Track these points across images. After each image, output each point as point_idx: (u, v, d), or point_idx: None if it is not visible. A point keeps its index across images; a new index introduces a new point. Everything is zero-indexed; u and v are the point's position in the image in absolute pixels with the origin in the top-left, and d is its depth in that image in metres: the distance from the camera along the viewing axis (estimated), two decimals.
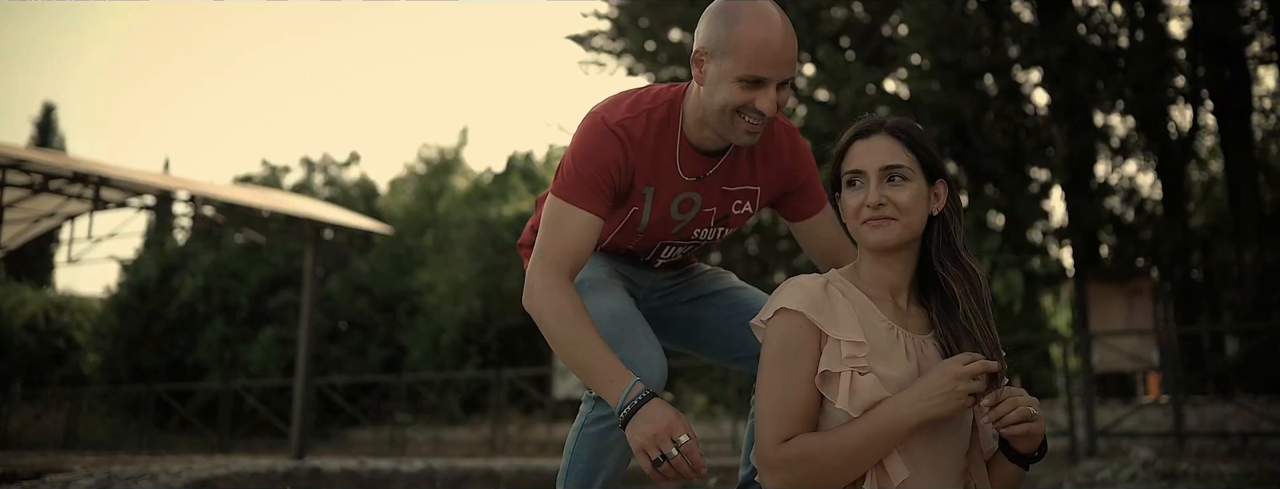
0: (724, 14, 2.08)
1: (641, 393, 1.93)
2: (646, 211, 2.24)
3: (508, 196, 19.75)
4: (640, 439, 1.88)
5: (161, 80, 74.52)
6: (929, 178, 1.95)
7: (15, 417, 19.61)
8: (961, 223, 1.98)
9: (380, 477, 6.48)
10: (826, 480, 1.84)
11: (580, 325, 2.04)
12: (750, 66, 2.04)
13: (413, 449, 14.92)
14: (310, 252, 13.40)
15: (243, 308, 21.68)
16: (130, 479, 5.64)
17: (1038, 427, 1.79)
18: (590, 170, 2.13)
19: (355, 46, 76.23)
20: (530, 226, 2.52)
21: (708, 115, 2.12)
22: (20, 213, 13.70)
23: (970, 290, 1.92)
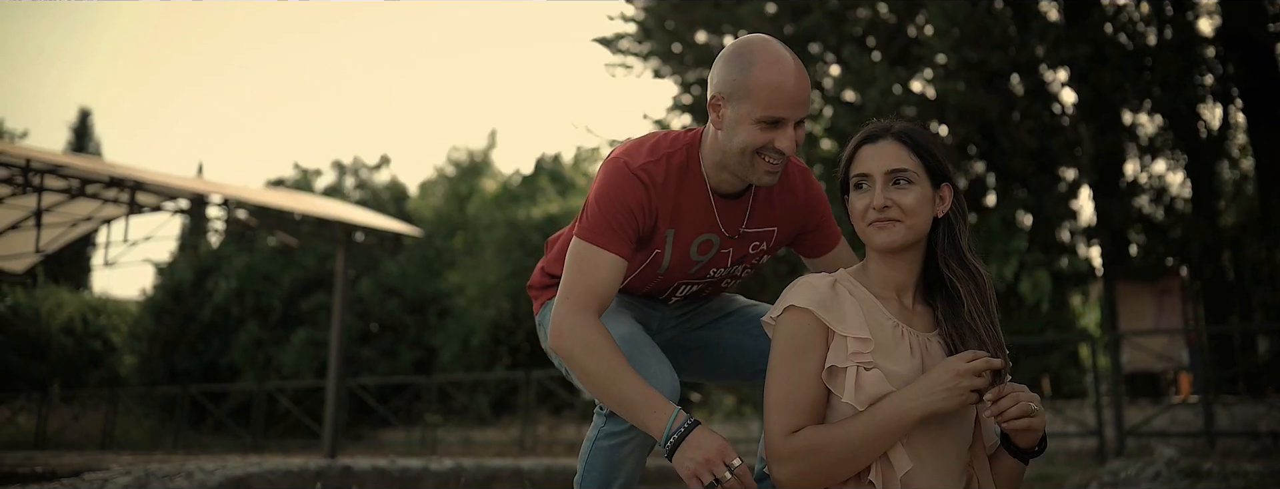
0: (738, 59, 2.15)
1: (686, 421, 1.98)
2: (668, 253, 2.29)
3: (536, 198, 19.87)
4: (692, 465, 1.93)
5: (195, 85, 75.35)
6: (935, 181, 2.01)
7: (54, 417, 19.94)
8: (966, 225, 2.04)
9: (410, 475, 6.58)
10: (832, 471, 1.92)
11: (616, 359, 2.07)
12: (768, 108, 2.11)
13: (443, 450, 15.06)
14: (341, 254, 13.56)
15: (275, 310, 21.91)
16: (167, 477, 5.77)
17: (1038, 422, 1.85)
18: (615, 213, 2.18)
19: (384, 50, 76.77)
20: (540, 269, 2.55)
21: (728, 158, 2.19)
22: (58, 217, 13.96)
23: (975, 290, 1.99)
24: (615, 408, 2.08)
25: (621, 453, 2.18)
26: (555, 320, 2.16)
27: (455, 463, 7.23)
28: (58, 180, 11.61)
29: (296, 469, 5.99)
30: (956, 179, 2.06)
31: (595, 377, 2.07)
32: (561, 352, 2.14)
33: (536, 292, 2.57)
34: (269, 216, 13.64)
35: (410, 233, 15.08)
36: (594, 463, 2.22)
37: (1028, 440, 1.92)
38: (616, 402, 2.06)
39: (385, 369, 20.26)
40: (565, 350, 2.13)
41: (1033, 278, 11.39)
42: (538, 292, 2.56)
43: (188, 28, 75.07)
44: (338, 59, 76.56)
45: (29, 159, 10.83)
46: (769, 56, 2.14)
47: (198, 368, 22.62)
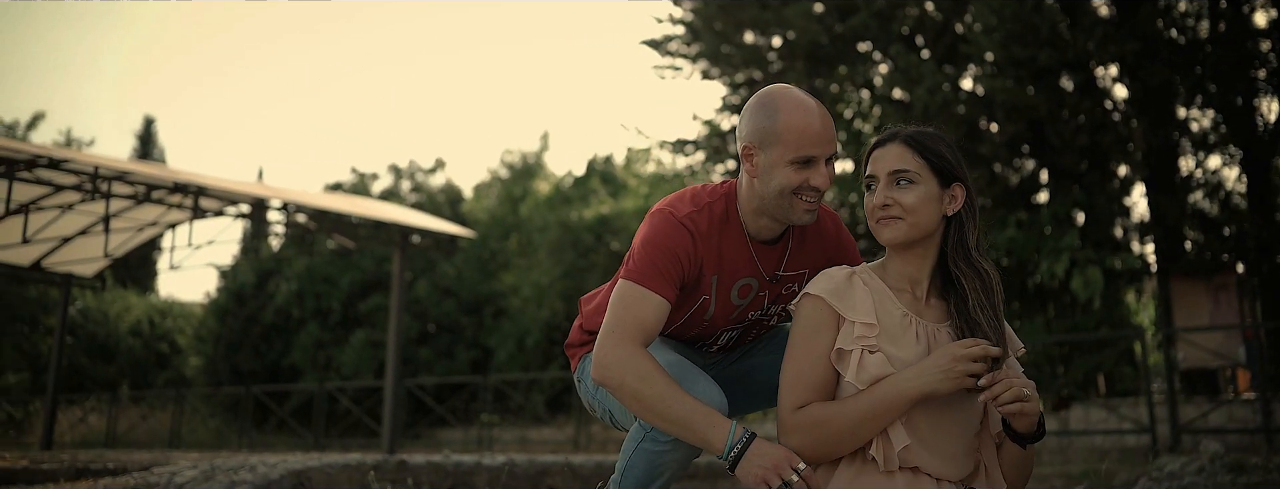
0: (763, 108, 2.30)
1: (745, 434, 2.09)
2: (714, 299, 2.40)
3: (588, 200, 20.04)
4: (759, 472, 2.04)
5: (254, 91, 76.71)
6: (944, 181, 2.13)
7: (123, 417, 20.51)
8: (976, 224, 2.15)
9: (463, 469, 6.77)
10: (834, 443, 2.07)
11: (667, 382, 2.15)
12: (798, 149, 2.25)
13: (499, 448, 15.28)
14: (397, 256, 13.86)
15: (335, 312, 22.31)
16: (231, 470, 6.01)
17: (1031, 407, 1.96)
18: (662, 258, 2.29)
19: (439, 55, 77.58)
20: (577, 327, 2.65)
21: (767, 202, 2.31)
22: (125, 222, 14.40)
23: (979, 286, 2.11)
24: (671, 428, 2.14)
25: (665, 460, 2.28)
26: (601, 353, 2.23)
27: (507, 458, 7.42)
28: (124, 187, 12.01)
29: (354, 464, 6.21)
30: (969, 179, 2.16)
31: (650, 400, 2.14)
32: (611, 381, 2.20)
33: (574, 349, 2.66)
34: (327, 220, 13.97)
35: (464, 235, 15.34)
36: (636, 463, 2.31)
37: (1023, 425, 2.02)
38: (673, 422, 2.13)
39: (442, 369, 20.56)
40: (616, 380, 2.18)
41: (1084, 275, 11.32)
42: (575, 349, 2.65)
43: (245, 34, 76.46)
44: (393, 64, 77.53)
45: (97, 167, 11.23)
46: (792, 102, 2.28)
47: (261, 368, 23.10)
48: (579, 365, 2.62)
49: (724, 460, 2.09)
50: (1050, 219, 12.04)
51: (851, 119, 13.48)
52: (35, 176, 11.16)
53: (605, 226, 18.34)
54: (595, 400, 2.54)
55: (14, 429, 21.53)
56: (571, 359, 2.67)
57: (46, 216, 13.78)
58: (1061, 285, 12.26)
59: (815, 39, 13.38)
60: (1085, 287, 11.30)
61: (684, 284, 2.33)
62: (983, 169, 12.49)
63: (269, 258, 24.88)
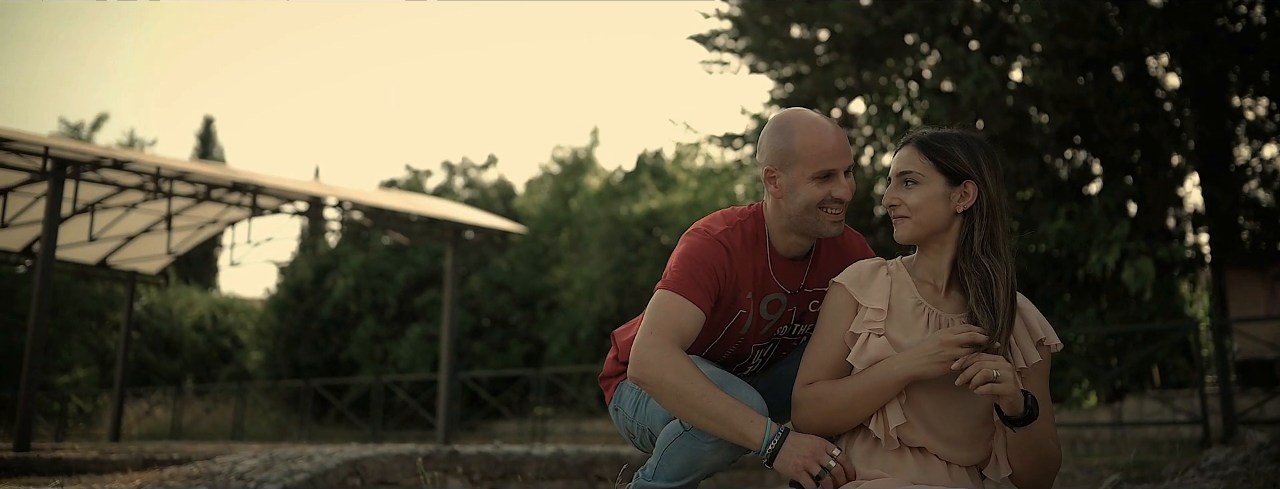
0: (779, 131, 2.43)
1: (780, 430, 2.19)
2: (750, 314, 2.51)
3: (638, 194, 20.16)
4: (800, 461, 2.14)
5: (312, 92, 77.80)
6: (952, 180, 2.23)
7: (188, 410, 21.04)
8: (997, 219, 2.22)
9: (513, 459, 6.94)
10: (833, 418, 2.22)
11: (705, 380, 2.24)
12: (817, 164, 2.38)
13: (552, 440, 15.48)
14: (450, 252, 14.09)
15: (391, 306, 22.65)
16: (289, 459, 6.24)
17: (1001, 388, 2.03)
18: (699, 271, 2.39)
19: (492, 53, 78.09)
20: (611, 359, 2.74)
21: (794, 219, 2.43)
22: (186, 220, 14.79)
23: (978, 282, 2.20)
24: (710, 424, 2.21)
25: (705, 459, 2.36)
26: (640, 352, 2.29)
27: (557, 449, 7.58)
28: (185, 186, 12.35)
29: (407, 453, 6.40)
30: (986, 175, 2.23)
31: (691, 397, 2.21)
32: (651, 379, 2.26)
33: (608, 381, 2.74)
34: (381, 217, 14.23)
35: (515, 230, 15.54)
36: (673, 456, 2.38)
37: (1007, 408, 2.08)
38: (712, 418, 2.20)
39: (496, 362, 20.82)
40: (656, 377, 2.24)
41: (1135, 266, 11.23)
42: (610, 380, 2.74)
43: (302, 35, 77.54)
44: (446, 61, 78.23)
45: (159, 167, 11.56)
46: (805, 122, 2.42)
47: (319, 362, 23.53)
48: (614, 395, 2.69)
49: (762, 455, 2.17)
50: (1101, 210, 11.97)
51: (900, 112, 13.48)
52: (100, 177, 11.51)
53: (655, 221, 18.45)
54: (634, 424, 2.59)
55: (84, 422, 22.15)
56: (605, 391, 2.75)
57: (111, 216, 14.20)
58: (1113, 277, 12.18)
59: (862, 32, 13.39)
60: (1136, 278, 11.22)
61: (719, 298, 2.43)
62: (1032, 160, 12.44)
63: (326, 254, 25.30)
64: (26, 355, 10.38)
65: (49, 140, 11.09)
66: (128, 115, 62.75)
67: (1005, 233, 2.23)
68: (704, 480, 2.45)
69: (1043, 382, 2.22)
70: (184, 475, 6.31)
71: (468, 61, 77.73)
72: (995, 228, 2.21)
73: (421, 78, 78.20)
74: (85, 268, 16.11)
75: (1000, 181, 2.26)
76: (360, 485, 6.04)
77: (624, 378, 2.65)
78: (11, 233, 14.28)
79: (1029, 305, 2.25)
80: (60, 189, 10.76)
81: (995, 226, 2.21)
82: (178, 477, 6.30)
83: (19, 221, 13.39)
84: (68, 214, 13.06)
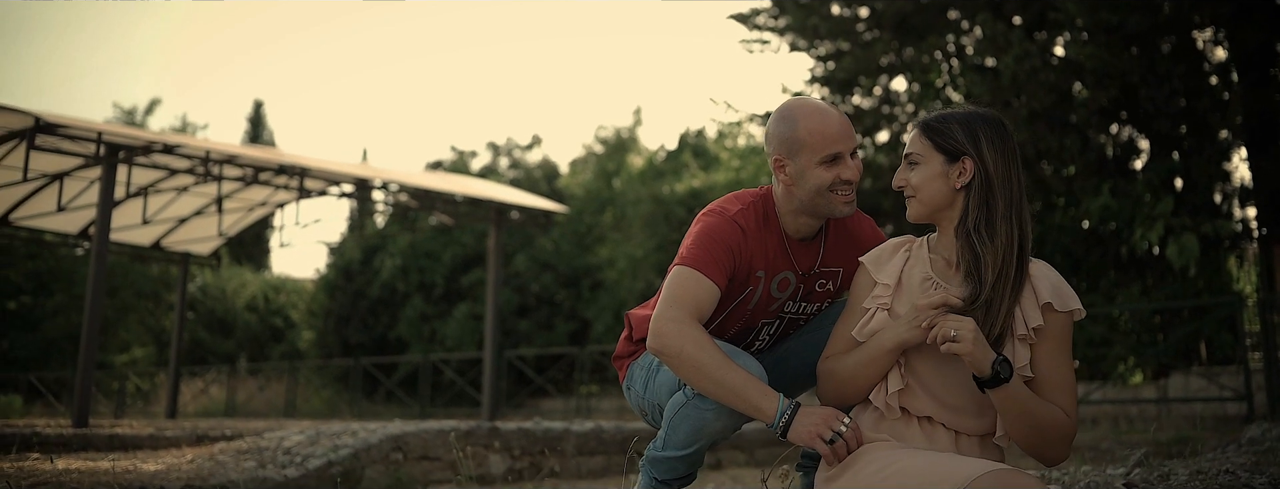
0: (783, 121, 2.52)
1: (793, 403, 2.27)
2: (759, 291, 2.61)
3: (680, 174, 20.21)
4: (813, 429, 2.21)
5: (359, 75, 78.46)
6: (950, 157, 2.30)
7: (241, 389, 21.51)
8: (981, 198, 2.26)
9: (552, 435, 7.08)
10: (843, 389, 2.35)
11: (722, 353, 2.31)
12: (824, 149, 2.47)
13: (597, 417, 15.66)
14: (493, 232, 14.27)
15: (438, 286, 22.92)
16: (335, 435, 6.44)
17: (959, 347, 2.09)
18: (716, 249, 2.49)
19: (535, 35, 78.22)
20: (624, 338, 2.82)
21: (806, 203, 2.52)
22: (236, 203, 15.10)
23: (971, 258, 2.26)
24: (725, 396, 2.28)
25: (709, 425, 2.44)
26: (660, 323, 2.36)
27: (596, 424, 7.72)
28: (234, 169, 12.62)
29: (448, 429, 6.57)
30: (984, 152, 2.27)
31: (708, 368, 2.28)
32: (670, 349, 2.32)
33: (622, 360, 2.82)
34: (427, 198, 14.43)
35: (557, 210, 15.68)
36: (679, 426, 2.47)
37: (973, 368, 2.13)
38: (728, 389, 2.27)
39: (542, 340, 21.03)
40: (675, 347, 2.31)
41: (1179, 242, 11.12)
42: (624, 360, 2.82)
43: (346, 18, 78.14)
44: (489, 43, 78.51)
45: (208, 151, 11.83)
46: (807, 109, 2.51)
47: (369, 341, 23.89)
48: (627, 374, 2.78)
49: (775, 428, 2.25)
50: (1146, 186, 11.85)
51: (942, 88, 13.40)
52: (151, 161, 11.80)
53: (697, 200, 18.50)
54: (645, 401, 2.68)
55: (142, 400, 22.72)
56: (619, 371, 2.83)
57: (164, 199, 14.54)
58: (1158, 253, 12.07)
59: (902, 8, 13.32)
60: (1181, 254, 11.11)
61: (733, 276, 2.52)
62: (1075, 136, 12.33)
63: (374, 235, 25.62)
64: (84, 335, 10.72)
65: (102, 126, 11.38)
66: (180, 100, 63.76)
67: (1010, 207, 2.25)
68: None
69: (1054, 347, 2.22)
70: (233, 450, 6.53)
71: (512, 44, 77.96)
72: (993, 204, 2.24)
73: (467, 60, 78.57)
74: (140, 250, 16.51)
75: (1007, 157, 2.28)
76: (402, 460, 6.22)
77: (636, 357, 2.74)
78: (68, 216, 14.68)
79: (1045, 272, 2.26)
80: (113, 173, 11.06)
81: (993, 203, 2.24)
82: (227, 452, 6.52)
83: (75, 205, 13.77)
84: (121, 198, 13.41)
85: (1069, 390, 2.21)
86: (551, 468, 6.90)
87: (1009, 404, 2.14)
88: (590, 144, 24.38)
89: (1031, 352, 2.21)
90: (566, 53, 78.02)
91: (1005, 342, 2.20)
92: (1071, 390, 2.21)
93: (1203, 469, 3.89)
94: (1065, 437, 2.17)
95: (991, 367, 2.10)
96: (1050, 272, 2.26)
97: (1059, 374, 2.21)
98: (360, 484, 5.88)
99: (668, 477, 2.56)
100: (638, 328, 2.73)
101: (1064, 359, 2.22)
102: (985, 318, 2.19)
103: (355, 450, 6.02)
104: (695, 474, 2.61)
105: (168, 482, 5.14)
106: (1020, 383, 2.14)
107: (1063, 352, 2.22)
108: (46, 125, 10.47)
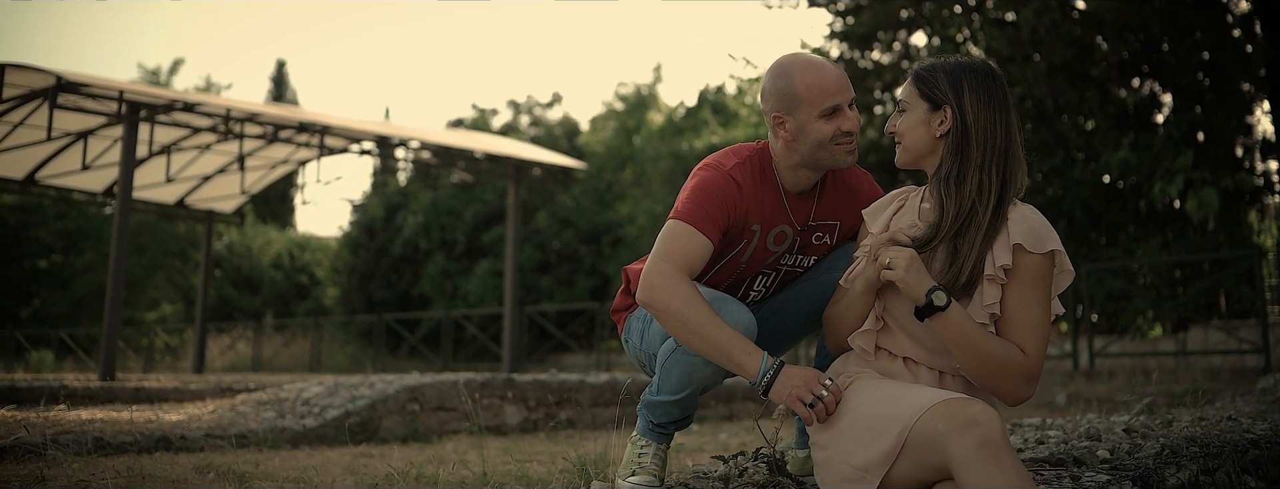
0: (780, 77, 2.52)
1: (776, 363, 2.30)
2: (754, 243, 2.62)
3: (700, 130, 20.19)
4: (793, 391, 2.24)
5: (380, 31, 78.32)
6: (933, 106, 2.33)
7: (267, 344, 21.81)
8: (957, 148, 2.29)
9: (567, 386, 7.19)
10: (835, 333, 2.46)
11: (709, 309, 2.32)
12: (822, 102, 2.47)
13: (617, 372, 15.80)
14: (512, 188, 14.35)
15: (460, 243, 23.08)
16: (353, 386, 6.56)
17: (892, 274, 2.18)
18: (711, 203, 2.48)
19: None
20: (622, 293, 2.85)
21: (807, 157, 2.52)
22: (259, 161, 15.23)
23: (937, 210, 2.30)
24: (709, 351, 2.31)
25: (697, 372, 2.48)
26: (650, 277, 2.37)
27: (612, 376, 7.81)
28: (255, 127, 12.72)
29: (464, 381, 6.68)
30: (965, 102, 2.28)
31: (693, 324, 2.30)
32: (658, 303, 2.34)
33: (620, 313, 2.86)
34: (447, 155, 14.50)
35: (577, 167, 15.73)
36: (670, 372, 2.52)
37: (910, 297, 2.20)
38: (712, 345, 2.30)
39: (563, 297, 21.18)
40: (663, 301, 2.33)
41: (1199, 196, 11.05)
42: (620, 313, 2.85)
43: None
44: (511, 1, 78.09)
45: (228, 109, 11.92)
46: (802, 63, 2.51)
47: (392, 298, 24.13)
48: (625, 327, 2.81)
49: (757, 386, 2.28)
50: (1166, 140, 11.77)
51: (962, 43, 13.30)
52: (172, 120, 11.90)
53: None
54: (641, 352, 2.73)
55: (170, 356, 23.06)
56: (617, 323, 2.87)
57: (187, 157, 14.68)
58: (1178, 207, 12.00)
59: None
60: (1199, 207, 11.05)
61: (728, 230, 2.53)
62: (1095, 90, 12.24)
63: (396, 192, 25.76)
64: (109, 289, 10.90)
65: (124, 84, 11.48)
66: (203, 61, 63.90)
67: (989, 158, 2.26)
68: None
69: (1025, 287, 2.21)
70: (254, 401, 6.68)
71: (533, 2, 77.53)
72: (968, 154, 2.27)
73: (488, 18, 78.25)
74: (165, 208, 16.69)
75: (993, 108, 2.28)
76: (418, 411, 6.34)
77: (634, 310, 2.78)
78: (93, 174, 14.85)
79: (1025, 215, 2.25)
80: (135, 132, 11.18)
81: (968, 153, 2.27)
82: (248, 403, 6.66)
83: (99, 164, 13.92)
84: (144, 156, 13.54)
85: (1032, 330, 2.20)
86: (566, 418, 7.01)
87: (948, 335, 2.17)
88: (610, 101, 24.36)
89: (1002, 291, 2.23)
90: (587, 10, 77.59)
91: (978, 285, 2.23)
92: (1035, 331, 2.20)
93: (1207, 416, 3.93)
94: (1020, 374, 2.18)
95: (925, 296, 2.15)
96: (1032, 215, 2.26)
97: (1024, 313, 2.21)
98: (377, 434, 6.00)
99: (663, 420, 2.61)
100: (634, 281, 2.74)
101: (1035, 299, 2.22)
102: (951, 262, 2.23)
103: (372, 401, 6.14)
104: (691, 418, 2.66)
105: (188, 431, 5.27)
106: (961, 316, 2.16)
107: (1034, 292, 2.22)
108: (68, 84, 10.57)
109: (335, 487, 3.45)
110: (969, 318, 2.18)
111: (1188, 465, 2.80)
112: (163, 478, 3.73)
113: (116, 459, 4.41)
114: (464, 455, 4.53)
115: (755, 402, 8.18)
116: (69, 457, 4.25)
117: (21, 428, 4.53)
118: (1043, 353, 2.21)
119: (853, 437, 2.14)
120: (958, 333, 2.16)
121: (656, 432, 2.63)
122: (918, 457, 2.00)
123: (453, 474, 3.65)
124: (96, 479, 3.55)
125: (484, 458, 3.90)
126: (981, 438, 1.91)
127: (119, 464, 4.11)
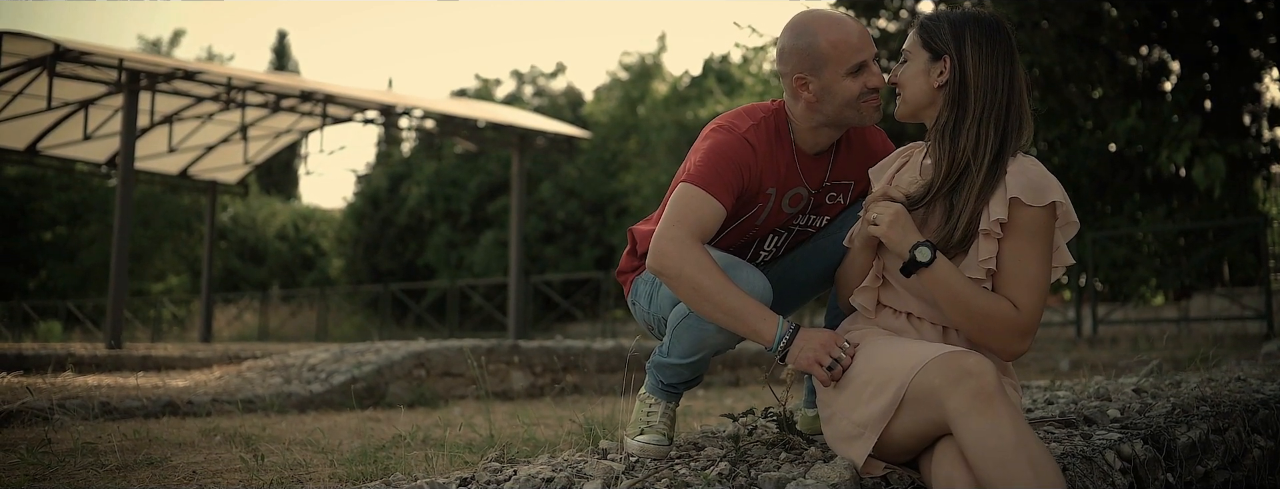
0: (800, 34, 2.42)
1: (791, 327, 2.25)
2: (769, 207, 2.56)
3: (704, 100, 20.10)
4: (811, 354, 2.20)
5: (385, 4, 77.90)
6: (933, 56, 2.28)
7: (274, 315, 21.87)
8: (954, 100, 2.23)
9: (573, 352, 7.20)
10: (842, 291, 2.46)
11: (723, 276, 2.26)
12: (848, 60, 2.38)
13: (624, 339, 15.81)
14: (516, 158, 14.30)
15: (464, 213, 23.07)
16: (359, 352, 6.57)
17: (876, 230, 2.18)
18: (724, 167, 2.41)
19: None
20: (628, 254, 2.79)
21: (832, 116, 2.44)
22: (262, 131, 15.17)
23: (932, 164, 2.27)
24: (724, 319, 2.26)
25: (709, 338, 2.44)
26: (661, 243, 2.31)
27: (617, 342, 7.82)
28: (257, 96, 12.66)
29: (469, 347, 6.68)
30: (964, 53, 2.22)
31: (707, 291, 2.24)
32: (670, 270, 2.28)
33: (626, 275, 2.79)
34: (450, 124, 14.44)
35: (581, 136, 15.66)
36: (681, 336, 2.48)
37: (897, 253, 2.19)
38: (727, 312, 2.25)
39: (568, 266, 21.20)
40: (675, 269, 2.27)
41: (1205, 163, 10.99)
42: (627, 274, 2.78)
43: None
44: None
45: (230, 77, 11.86)
46: (823, 19, 2.42)
47: (397, 268, 24.16)
48: (631, 289, 2.75)
49: (774, 352, 2.24)
50: (1173, 107, 11.69)
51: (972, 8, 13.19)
52: (173, 88, 11.84)
53: None
54: (649, 315, 2.67)
55: (178, 327, 23.12)
56: (624, 285, 2.80)
57: (189, 127, 14.63)
58: (1185, 175, 11.94)
59: None
60: (1206, 175, 10.99)
61: (742, 195, 2.47)
62: (1103, 58, 12.14)
63: (400, 163, 25.73)
64: (113, 257, 10.90)
65: (123, 52, 11.42)
66: (205, 31, 63.62)
67: (988, 111, 2.20)
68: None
69: (1022, 241, 2.15)
70: (261, 367, 6.69)
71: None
72: (965, 106, 2.22)
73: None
74: (168, 178, 16.67)
75: (997, 60, 2.22)
76: (425, 376, 6.35)
77: (640, 272, 2.72)
78: (95, 145, 14.81)
79: (1025, 168, 2.18)
80: (135, 100, 11.13)
81: (965, 104, 2.22)
82: (254, 369, 6.68)
83: (101, 134, 13.88)
84: (146, 126, 13.50)
85: (1028, 285, 2.16)
86: (572, 384, 7.01)
87: (936, 291, 2.16)
88: (614, 71, 24.27)
89: (999, 245, 2.18)
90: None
91: (974, 240, 2.18)
92: (1031, 285, 2.16)
93: (1215, 378, 3.93)
94: (1012, 329, 2.15)
95: (908, 251, 2.13)
96: (1032, 167, 2.19)
97: (1019, 267, 2.15)
98: (384, 399, 6.01)
99: (673, 381, 2.58)
100: (641, 242, 2.70)
101: (1031, 254, 2.16)
102: (947, 218, 2.20)
103: (379, 367, 6.15)
104: (701, 378, 2.64)
105: (195, 396, 5.28)
106: (948, 271, 2.14)
107: (1031, 247, 2.16)
108: (66, 52, 10.52)
109: (342, 448, 3.46)
110: (957, 273, 2.14)
111: (1198, 424, 2.80)
112: (169, 441, 3.74)
113: (123, 423, 4.42)
114: (470, 419, 4.53)
115: (761, 368, 8.18)
116: (76, 421, 4.25)
117: (28, 393, 4.53)
118: (1038, 307, 2.16)
119: (853, 393, 2.13)
120: (945, 288, 2.14)
121: (666, 390, 2.60)
122: (917, 412, 1.99)
123: (459, 436, 3.65)
124: (102, 442, 3.55)
125: (490, 421, 3.90)
126: (975, 389, 1.89)
127: (126, 428, 4.12)
